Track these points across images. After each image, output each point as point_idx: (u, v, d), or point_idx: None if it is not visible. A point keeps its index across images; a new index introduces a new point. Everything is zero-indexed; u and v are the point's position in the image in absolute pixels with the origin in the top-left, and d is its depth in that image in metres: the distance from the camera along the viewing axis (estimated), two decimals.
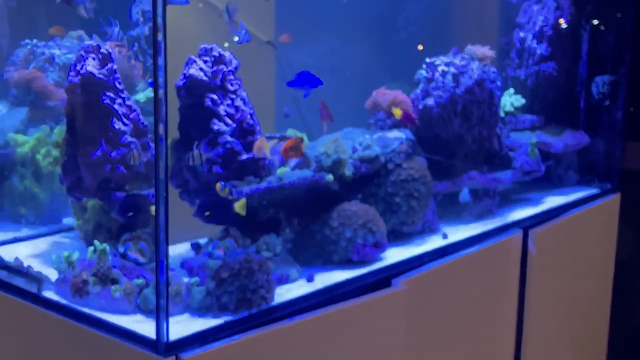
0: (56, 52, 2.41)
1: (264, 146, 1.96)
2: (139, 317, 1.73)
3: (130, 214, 1.96)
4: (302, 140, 2.01)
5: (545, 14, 2.91)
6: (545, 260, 2.61)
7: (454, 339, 2.31)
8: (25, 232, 2.26)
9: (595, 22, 3.06)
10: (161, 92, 1.53)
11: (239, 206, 1.87)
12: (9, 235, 2.24)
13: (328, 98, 2.37)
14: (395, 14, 2.92)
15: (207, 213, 1.93)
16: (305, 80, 2.04)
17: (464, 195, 2.64)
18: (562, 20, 2.91)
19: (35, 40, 2.44)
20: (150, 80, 1.99)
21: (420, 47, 2.78)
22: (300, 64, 2.72)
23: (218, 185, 1.85)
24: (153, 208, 1.87)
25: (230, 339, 1.66)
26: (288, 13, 2.64)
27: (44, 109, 2.36)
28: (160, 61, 1.51)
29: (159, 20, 1.50)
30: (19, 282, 1.92)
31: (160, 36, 1.50)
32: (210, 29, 2.45)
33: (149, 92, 2.25)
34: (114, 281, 1.77)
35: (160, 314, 1.59)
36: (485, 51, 2.49)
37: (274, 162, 2.09)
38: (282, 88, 2.81)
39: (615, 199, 3.12)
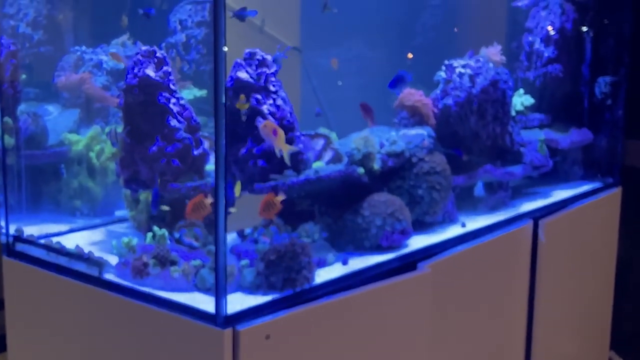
0: (103, 58, 2.59)
1: (269, 127, 2.06)
2: (196, 294, 1.91)
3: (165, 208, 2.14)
4: (275, 198, 2.08)
5: (551, 19, 3.11)
6: (553, 248, 2.80)
7: (472, 318, 2.50)
8: (80, 223, 2.45)
9: (597, 26, 3.26)
10: (220, 93, 1.72)
11: (237, 187, 2.02)
12: (66, 226, 2.42)
13: (355, 99, 2.56)
14: (413, 21, 3.12)
15: None
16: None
17: (479, 189, 2.83)
18: (566, 25, 3.10)
19: (83, 47, 2.63)
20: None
21: (409, 56, 2.97)
22: (326, 69, 2.91)
23: (242, 97, 2.00)
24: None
25: (277, 314, 1.84)
26: (313, 19, 2.83)
27: (94, 110, 2.55)
28: (221, 66, 1.70)
29: (220, 28, 1.69)
30: (80, 267, 2.10)
31: (221, 43, 1.69)
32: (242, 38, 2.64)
33: (196, 92, 2.45)
34: (173, 263, 1.95)
35: (219, 291, 1.77)
36: (497, 54, 2.68)
37: (309, 157, 2.29)
38: (307, 91, 3.01)
39: (616, 192, 3.31)
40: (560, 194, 3.05)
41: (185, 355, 1.82)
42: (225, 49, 1.71)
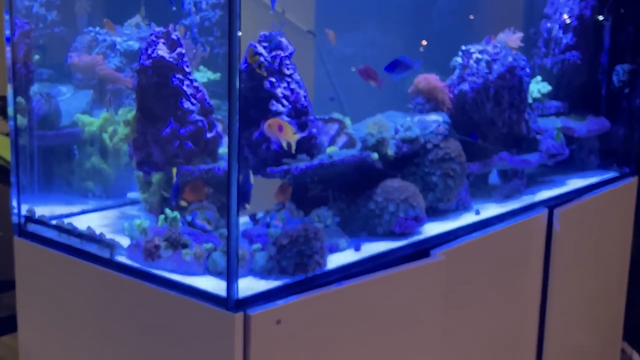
0: (117, 39, 2.58)
1: (273, 127, 2.05)
2: (207, 278, 1.90)
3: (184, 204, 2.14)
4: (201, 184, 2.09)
5: (570, 5, 3.07)
6: (568, 237, 2.78)
7: (485, 306, 2.48)
8: (92, 205, 2.44)
9: (616, 13, 3.21)
10: (235, 75, 1.70)
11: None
12: (78, 207, 2.42)
13: (368, 84, 2.53)
14: (429, 5, 3.08)
15: None
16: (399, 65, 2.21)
17: (494, 177, 2.81)
18: (585, 12, 3.06)
19: (97, 28, 2.62)
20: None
21: (423, 42, 2.94)
22: (340, 53, 2.88)
23: (251, 50, 1.96)
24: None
25: (289, 299, 1.82)
26: (328, 3, 2.80)
27: (107, 91, 2.54)
28: (235, 49, 1.68)
29: (235, 9, 1.67)
30: (91, 248, 2.09)
31: (236, 25, 1.67)
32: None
33: (210, 74, 2.43)
34: (185, 246, 1.94)
35: (231, 274, 1.76)
36: (515, 40, 2.64)
37: (323, 142, 2.27)
38: (321, 75, 2.99)
39: (633, 182, 3.28)
40: (576, 183, 3.02)
41: (196, 338, 1.81)
42: (240, 33, 1.69)
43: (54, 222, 2.23)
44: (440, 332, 2.25)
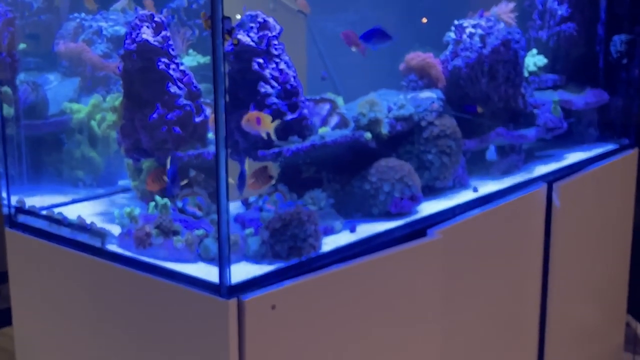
0: (103, 24, 2.54)
1: (253, 119, 2.00)
2: (200, 264, 1.87)
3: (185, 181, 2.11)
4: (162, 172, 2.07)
5: None
6: (568, 212, 2.74)
7: (485, 285, 2.45)
8: (83, 194, 2.41)
9: None
10: (219, 58, 1.66)
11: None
12: (69, 197, 2.39)
13: (361, 63, 2.49)
14: None
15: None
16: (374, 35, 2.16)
17: (491, 153, 2.77)
18: None
19: (83, 14, 2.57)
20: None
21: (424, 20, 2.89)
22: (331, 32, 2.84)
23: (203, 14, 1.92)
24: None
25: (283, 284, 1.79)
26: None
27: (95, 79, 2.50)
28: (219, 31, 1.64)
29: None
30: (82, 238, 2.06)
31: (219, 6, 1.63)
32: None
33: (200, 58, 2.39)
34: (176, 233, 1.91)
35: (223, 261, 1.73)
36: (508, 13, 2.60)
37: (314, 123, 2.23)
38: (313, 55, 2.95)
39: (633, 154, 3.24)
40: (575, 157, 2.98)
41: (190, 326, 1.78)
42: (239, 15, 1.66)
43: (44, 212, 2.20)
44: (440, 313, 2.22)
